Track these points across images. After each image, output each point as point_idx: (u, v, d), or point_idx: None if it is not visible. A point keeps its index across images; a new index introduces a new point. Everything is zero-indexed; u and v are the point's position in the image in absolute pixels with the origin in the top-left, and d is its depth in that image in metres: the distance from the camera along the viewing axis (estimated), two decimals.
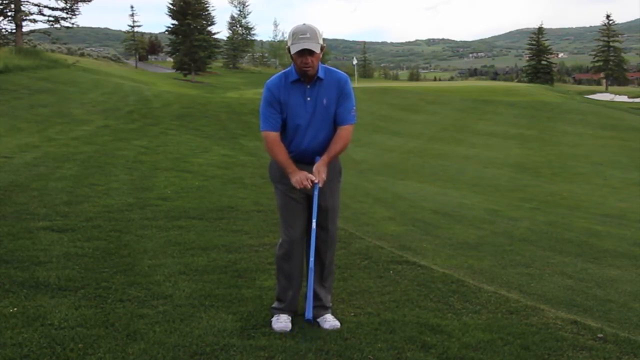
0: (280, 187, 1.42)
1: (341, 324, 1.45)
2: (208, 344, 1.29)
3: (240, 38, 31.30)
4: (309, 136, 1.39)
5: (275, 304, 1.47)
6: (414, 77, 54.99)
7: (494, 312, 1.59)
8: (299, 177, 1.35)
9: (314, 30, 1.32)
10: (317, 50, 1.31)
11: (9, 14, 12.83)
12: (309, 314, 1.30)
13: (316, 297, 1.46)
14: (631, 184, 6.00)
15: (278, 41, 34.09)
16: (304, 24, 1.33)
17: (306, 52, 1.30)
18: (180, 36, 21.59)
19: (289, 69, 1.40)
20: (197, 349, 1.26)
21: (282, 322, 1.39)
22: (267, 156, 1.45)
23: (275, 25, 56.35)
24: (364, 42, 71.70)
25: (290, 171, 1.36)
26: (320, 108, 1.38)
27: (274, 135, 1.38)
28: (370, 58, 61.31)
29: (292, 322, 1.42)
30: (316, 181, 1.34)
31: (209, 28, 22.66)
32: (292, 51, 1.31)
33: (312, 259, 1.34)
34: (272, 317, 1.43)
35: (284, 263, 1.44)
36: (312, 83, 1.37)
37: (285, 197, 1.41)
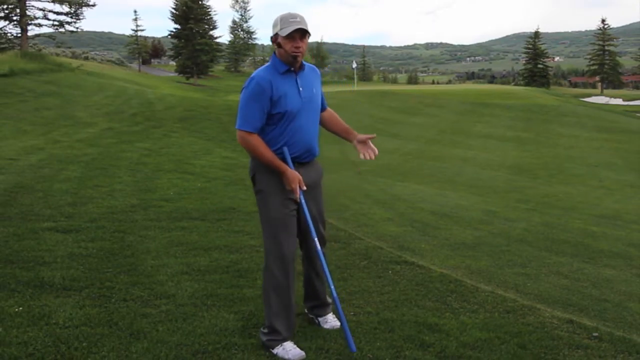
0: (277, 197, 1.26)
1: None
2: (210, 342, 1.31)
3: (241, 42, 31.51)
4: (305, 127, 1.29)
5: (270, 337, 1.27)
6: (412, 80, 55.19)
7: (491, 311, 1.61)
8: (295, 174, 1.24)
9: (303, 16, 1.25)
10: (309, 31, 1.24)
11: (15, 18, 12.91)
12: (353, 347, 1.19)
13: (316, 296, 1.40)
14: (626, 186, 6.01)
15: None
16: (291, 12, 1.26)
17: (299, 33, 1.22)
18: (182, 40, 21.66)
19: (270, 62, 1.29)
20: (199, 348, 1.28)
21: (290, 349, 1.24)
22: None
23: None
24: (364, 46, 72.09)
25: (282, 169, 1.25)
26: (312, 96, 1.31)
27: (257, 136, 1.25)
28: (370, 62, 61.23)
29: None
30: (304, 189, 1.25)
31: (211, 32, 22.75)
32: (286, 33, 1.22)
33: (332, 285, 1.23)
34: (273, 349, 1.25)
35: (281, 293, 1.27)
36: (299, 72, 1.30)
37: (282, 208, 1.26)
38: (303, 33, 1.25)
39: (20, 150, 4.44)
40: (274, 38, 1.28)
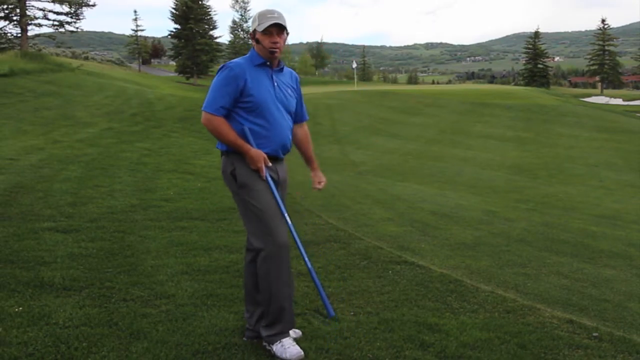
0: (262, 186, 1.23)
1: (341, 322, 1.46)
2: (210, 342, 1.31)
3: (241, 42, 31.58)
4: (280, 122, 1.27)
5: (270, 332, 1.23)
6: (412, 80, 56.12)
7: (491, 311, 1.62)
8: (259, 152, 1.21)
9: (281, 13, 1.26)
10: (287, 28, 1.25)
11: (15, 18, 12.94)
12: (332, 311, 1.23)
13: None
14: (626, 186, 6.02)
15: None
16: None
17: (276, 28, 1.22)
18: (182, 40, 21.71)
19: (248, 54, 1.29)
20: (199, 348, 1.28)
21: (288, 346, 1.21)
22: None
23: None
24: (364, 46, 72.39)
25: (246, 149, 1.22)
26: (287, 96, 1.30)
27: (221, 118, 1.22)
28: (370, 62, 61.19)
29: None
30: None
31: (211, 32, 22.80)
32: (262, 28, 1.23)
33: (306, 258, 1.23)
34: (272, 344, 1.22)
35: (281, 284, 1.22)
36: (275, 71, 1.29)
37: (267, 194, 1.23)
38: (280, 28, 1.25)
39: (20, 150, 4.44)
40: (252, 35, 1.28)
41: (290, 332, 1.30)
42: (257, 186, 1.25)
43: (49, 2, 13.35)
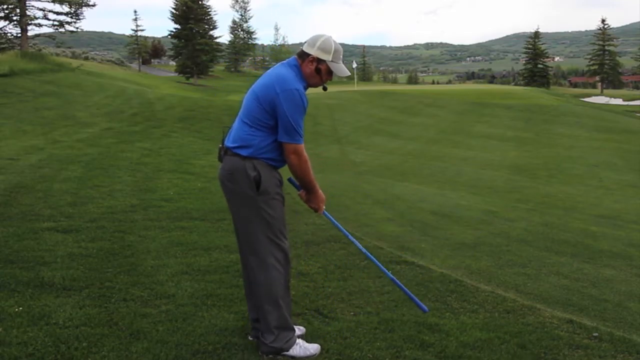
0: (278, 196, 1.25)
1: (341, 322, 1.47)
2: (210, 342, 1.31)
3: (241, 42, 31.61)
4: None
5: (284, 341, 1.22)
6: (412, 80, 55.60)
7: (491, 311, 1.62)
8: (323, 195, 1.28)
9: None
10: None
11: (15, 18, 12.99)
12: (424, 307, 1.27)
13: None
14: (626, 186, 6.01)
15: (279, 45, 34.61)
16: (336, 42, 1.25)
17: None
18: (182, 40, 21.71)
19: (295, 72, 1.23)
20: (199, 348, 1.28)
21: (306, 344, 1.24)
22: None
23: (276, 29, 56.69)
24: (364, 46, 72.62)
25: (317, 188, 1.26)
26: None
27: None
28: (370, 62, 61.27)
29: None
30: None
31: (211, 32, 22.80)
32: (338, 72, 1.24)
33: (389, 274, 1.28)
34: (288, 350, 1.22)
35: (286, 291, 1.26)
36: None
37: (282, 206, 1.27)
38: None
39: (20, 150, 4.44)
40: (315, 59, 1.23)
41: (296, 329, 1.31)
42: (277, 196, 1.26)
43: (49, 2, 13.44)
